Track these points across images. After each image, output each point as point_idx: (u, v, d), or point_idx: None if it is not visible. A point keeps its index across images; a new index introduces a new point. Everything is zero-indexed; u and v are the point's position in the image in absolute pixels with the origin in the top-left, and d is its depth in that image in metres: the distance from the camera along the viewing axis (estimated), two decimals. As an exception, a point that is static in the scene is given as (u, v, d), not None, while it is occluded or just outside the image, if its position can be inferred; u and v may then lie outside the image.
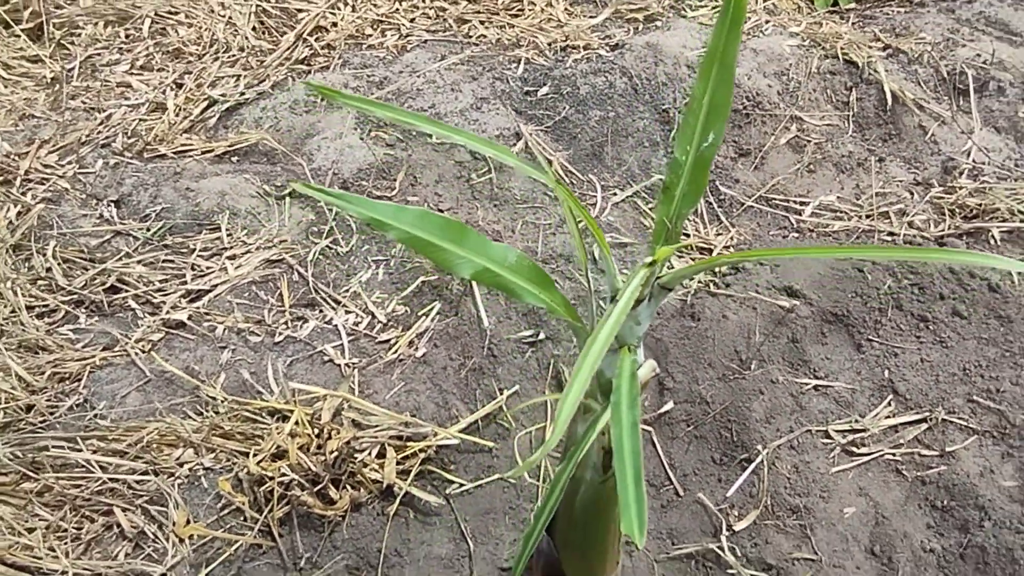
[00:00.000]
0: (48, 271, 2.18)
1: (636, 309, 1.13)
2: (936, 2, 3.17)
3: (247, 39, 2.82)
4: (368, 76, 2.70)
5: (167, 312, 2.12)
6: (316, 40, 2.85)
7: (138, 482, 1.83)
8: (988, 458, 2.00)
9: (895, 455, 2.02)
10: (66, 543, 1.74)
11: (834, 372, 2.15)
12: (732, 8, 1.09)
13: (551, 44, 2.82)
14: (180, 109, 2.60)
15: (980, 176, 2.53)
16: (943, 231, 2.40)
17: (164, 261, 2.23)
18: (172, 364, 2.02)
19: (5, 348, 2.01)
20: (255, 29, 2.90)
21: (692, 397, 2.10)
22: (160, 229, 2.29)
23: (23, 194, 2.35)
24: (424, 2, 3.06)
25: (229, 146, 2.50)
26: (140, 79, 2.71)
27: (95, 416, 1.93)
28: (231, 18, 2.90)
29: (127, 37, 2.87)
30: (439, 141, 2.51)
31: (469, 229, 1.13)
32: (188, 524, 1.78)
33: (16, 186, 2.37)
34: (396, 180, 2.42)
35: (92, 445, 1.87)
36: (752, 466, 2.01)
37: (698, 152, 1.11)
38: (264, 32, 2.91)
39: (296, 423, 1.90)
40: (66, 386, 1.98)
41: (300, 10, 2.96)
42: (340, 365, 2.05)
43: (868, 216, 2.47)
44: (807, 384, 2.12)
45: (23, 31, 2.87)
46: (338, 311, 2.15)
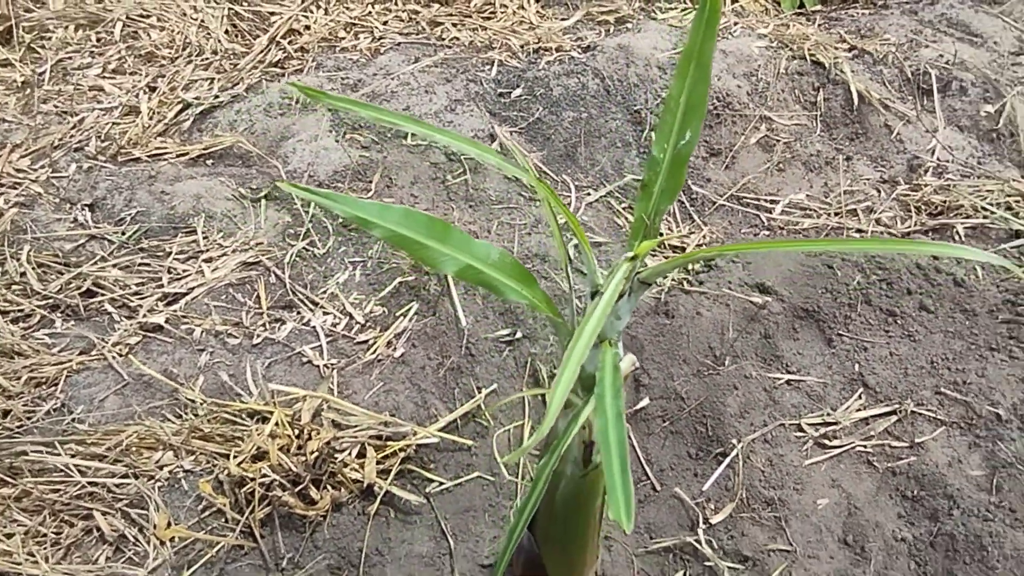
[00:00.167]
0: (22, 276, 2.17)
1: (616, 304, 1.15)
2: (899, 4, 3.23)
3: (220, 42, 2.82)
4: (342, 79, 2.70)
5: (144, 315, 2.12)
6: (289, 43, 2.85)
7: (118, 486, 1.83)
8: (956, 448, 2.05)
9: (866, 447, 2.06)
10: (45, 548, 1.73)
11: (806, 367, 2.19)
12: (708, 8, 1.12)
13: (524, 46, 2.85)
14: (154, 112, 2.59)
15: (944, 174, 2.59)
16: (909, 227, 2.45)
17: (140, 264, 2.23)
18: (150, 367, 2.01)
19: (-20, 353, 2.00)
20: (228, 32, 2.89)
21: (667, 393, 2.13)
22: (135, 232, 2.29)
23: (-5, 199, 2.34)
24: (397, 5, 3.07)
25: (204, 149, 2.50)
26: (112, 83, 2.70)
27: (73, 420, 1.92)
28: (203, 21, 2.89)
29: (98, 41, 2.86)
30: (414, 143, 2.53)
31: (453, 227, 1.15)
32: (169, 527, 1.78)
33: (-12, 191, 2.36)
34: (372, 182, 2.43)
35: (70, 449, 1.87)
36: (727, 460, 2.04)
37: (675, 150, 1.14)
38: (237, 35, 2.90)
39: (276, 424, 1.90)
40: (43, 391, 1.97)
41: (273, 13, 2.97)
42: (319, 366, 2.06)
43: (837, 214, 2.51)
44: (780, 379, 2.16)
45: (-8, 35, 2.85)
46: (316, 312, 2.16)
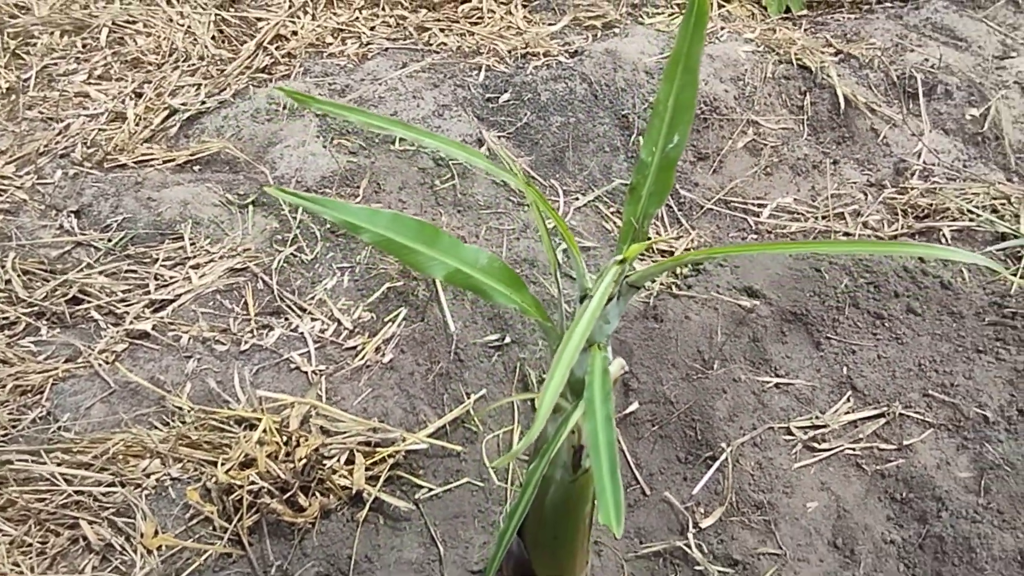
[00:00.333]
0: (7, 283, 2.15)
1: (605, 308, 1.15)
2: (885, 9, 3.25)
3: (207, 48, 2.81)
4: (330, 84, 2.70)
5: (130, 322, 2.10)
6: (276, 49, 2.85)
7: (104, 494, 1.81)
8: (944, 450, 2.05)
9: (855, 450, 2.06)
10: (31, 558, 1.72)
11: (794, 370, 2.19)
12: (695, 11, 1.12)
13: (511, 51, 2.85)
14: (140, 118, 2.58)
15: (931, 177, 2.60)
16: (896, 231, 2.46)
17: (127, 271, 2.21)
18: (137, 374, 2.00)
19: (-36, 361, 1.99)
20: (215, 38, 2.89)
21: (657, 397, 2.13)
22: (122, 239, 2.28)
23: (-20, 206, 2.32)
24: (384, 10, 3.07)
25: (191, 155, 2.49)
26: (98, 89, 2.69)
27: (59, 428, 1.91)
28: (190, 27, 2.88)
29: (84, 46, 2.84)
30: (402, 148, 2.53)
31: (441, 232, 1.15)
32: (156, 535, 1.76)
33: (-28, 198, 2.34)
34: (360, 187, 2.42)
35: (56, 458, 1.85)
36: (717, 464, 2.04)
37: (663, 153, 1.14)
38: (224, 41, 2.90)
39: (264, 431, 1.89)
40: (28, 399, 1.95)
41: (260, 19, 2.96)
42: (307, 372, 2.05)
43: (824, 217, 2.52)
44: (768, 382, 2.16)
45: (-24, 41, 2.83)
46: (304, 318, 2.15)
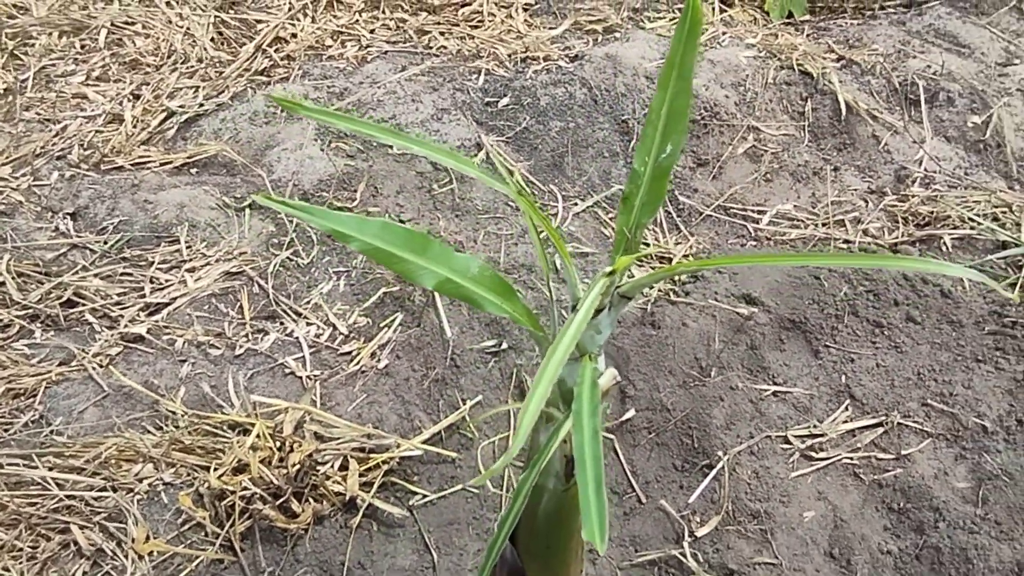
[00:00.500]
0: (1, 285, 2.15)
1: (596, 318, 1.14)
2: (888, 15, 3.24)
3: (206, 50, 2.81)
4: (328, 87, 2.69)
5: (125, 326, 2.09)
6: (276, 51, 2.84)
7: (96, 499, 1.80)
8: (942, 460, 2.04)
9: (852, 459, 2.05)
10: (21, 563, 1.71)
11: (792, 378, 2.18)
12: (690, 18, 1.10)
13: (511, 55, 2.84)
14: (137, 120, 2.57)
15: (932, 184, 2.59)
16: (897, 238, 2.44)
17: (122, 274, 2.21)
18: (131, 378, 1.99)
19: (-42, 364, 1.98)
20: (214, 40, 2.88)
21: (653, 404, 2.12)
22: (118, 242, 2.27)
23: (-24, 207, 2.32)
24: (384, 13, 3.06)
25: (188, 158, 2.49)
26: (96, 90, 2.68)
27: (51, 432, 1.90)
28: (189, 29, 2.88)
29: (82, 48, 2.84)
30: (400, 152, 2.52)
31: (432, 240, 1.13)
32: (148, 540, 1.75)
33: (-32, 199, 2.33)
34: (357, 191, 2.41)
35: (48, 462, 1.84)
36: (713, 472, 2.03)
37: (656, 162, 1.13)
38: (223, 43, 2.89)
39: (257, 436, 1.88)
40: (21, 402, 1.95)
41: (259, 21, 2.95)
42: (301, 377, 2.04)
43: (824, 224, 2.51)
44: (766, 390, 2.15)
45: (-25, 42, 2.83)
46: (299, 323, 2.14)
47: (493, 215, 2.43)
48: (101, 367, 2.01)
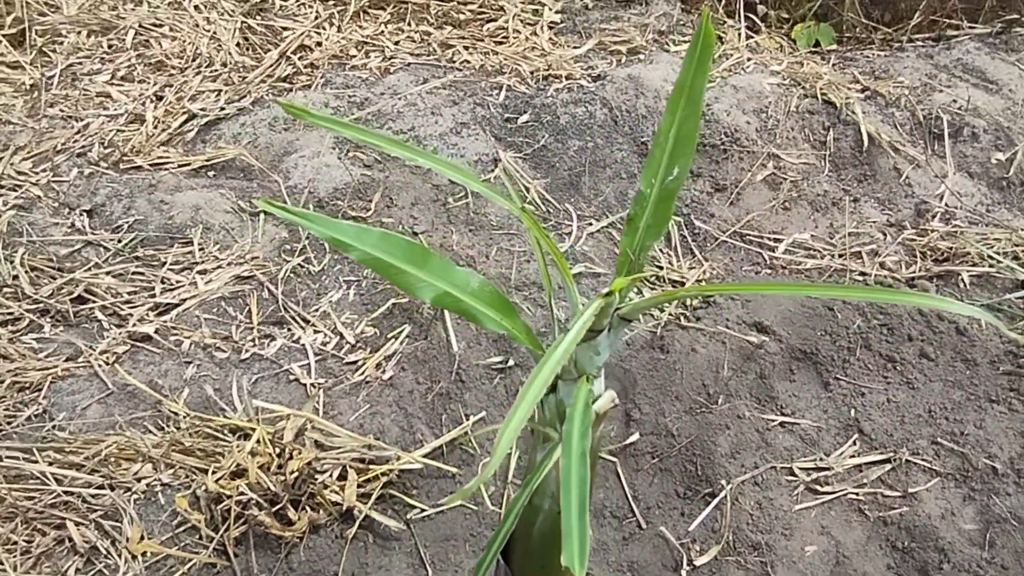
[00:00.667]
0: (15, 278, 2.16)
1: (595, 339, 1.12)
2: (915, 47, 3.21)
3: (230, 55, 2.82)
4: (349, 96, 2.70)
5: (134, 325, 2.10)
6: (300, 59, 2.85)
7: (93, 496, 1.80)
8: (950, 500, 2.00)
9: (858, 495, 2.02)
10: (15, 556, 1.71)
11: (801, 409, 2.15)
12: (701, 42, 1.10)
13: (533, 73, 2.84)
14: (159, 121, 2.59)
15: (952, 220, 2.56)
16: (914, 272, 2.41)
17: (134, 273, 2.21)
18: (136, 377, 1.99)
19: (-34, 355, 1.99)
20: (239, 45, 2.90)
21: (658, 429, 2.10)
22: (132, 241, 2.28)
23: (-6, 200, 2.34)
24: (410, 25, 3.07)
25: (206, 160, 2.50)
26: (120, 90, 2.70)
27: (54, 427, 1.90)
28: (216, 33, 2.90)
29: (110, 47, 2.86)
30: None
31: (432, 252, 1.13)
32: (142, 540, 1.75)
33: (-12, 192, 2.36)
34: (372, 201, 2.41)
35: (48, 457, 1.84)
36: (715, 501, 2.00)
37: (663, 185, 1.12)
38: (248, 48, 2.91)
39: (257, 442, 1.88)
40: (26, 396, 1.95)
41: (285, 28, 2.97)
42: (306, 385, 2.03)
43: (840, 255, 2.48)
44: (773, 420, 2.12)
45: (5, 36, 2.86)
46: (306, 330, 2.14)
47: (507, 231, 2.42)
48: (107, 364, 2.01)
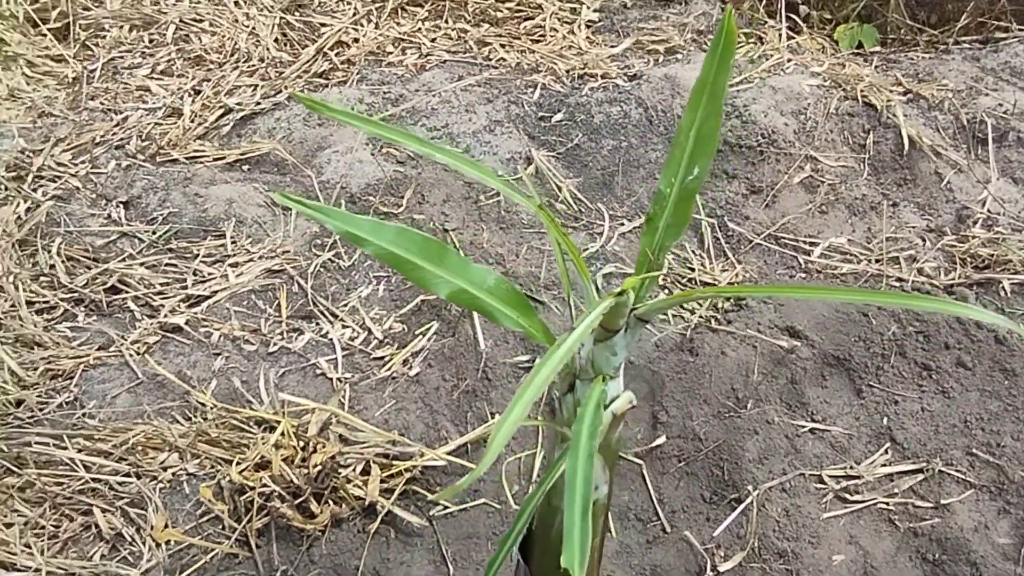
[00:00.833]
0: (51, 268, 2.20)
1: (612, 340, 1.11)
2: (962, 50, 3.14)
3: (268, 50, 2.85)
4: (384, 93, 2.71)
5: (165, 316, 2.12)
6: (336, 55, 2.87)
7: (120, 484, 1.83)
8: (984, 513, 1.95)
9: (888, 504, 1.98)
10: (43, 541, 1.74)
11: (832, 416, 2.11)
12: (723, 39, 1.08)
13: (569, 71, 2.82)
14: (196, 115, 2.62)
15: (994, 226, 2.49)
16: (953, 280, 2.36)
17: (167, 265, 2.24)
18: (165, 368, 2.02)
19: (1, 342, 2.02)
20: (277, 41, 2.92)
21: (685, 433, 2.07)
22: (166, 233, 2.30)
23: (34, 190, 2.38)
24: (447, 23, 3.07)
25: (241, 154, 2.52)
26: (159, 84, 2.74)
27: (84, 415, 1.93)
28: (254, 29, 2.92)
29: (151, 42, 2.90)
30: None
31: (448, 249, 1.12)
32: (166, 528, 1.77)
33: (28, 182, 2.40)
34: (404, 197, 2.42)
35: (78, 444, 1.87)
36: (742, 507, 1.98)
37: (682, 185, 1.10)
38: (286, 44, 2.93)
39: (282, 434, 1.89)
40: (58, 383, 1.98)
41: (323, 24, 2.99)
42: (332, 379, 2.04)
43: (878, 261, 2.43)
44: (803, 427, 2.09)
45: (50, 30, 2.91)
46: (335, 325, 2.15)
47: (537, 230, 2.41)
48: (138, 355, 2.04)
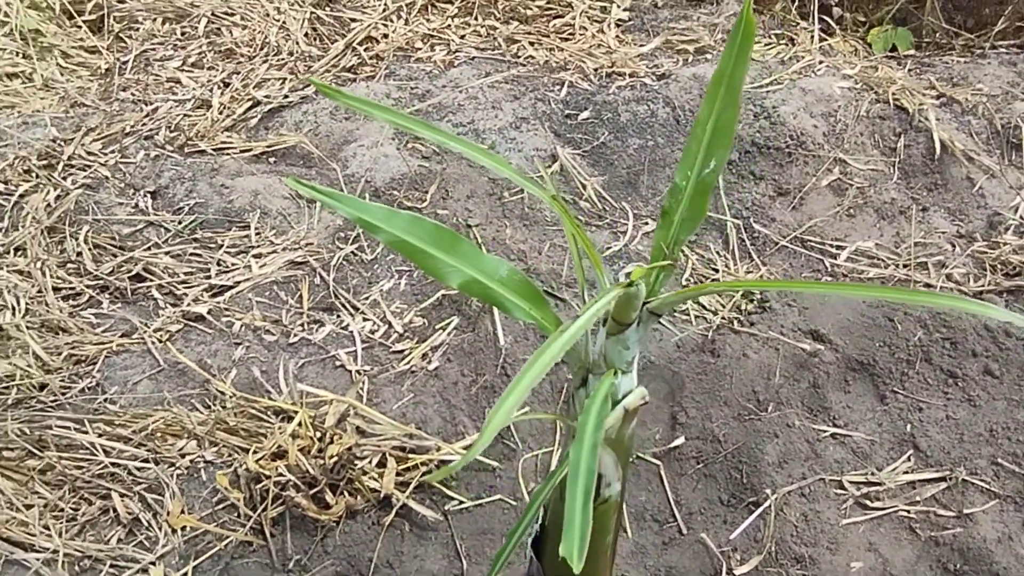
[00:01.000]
0: (78, 255, 2.22)
1: (624, 333, 1.10)
2: (999, 54, 3.09)
3: (298, 44, 2.87)
4: (412, 88, 2.71)
5: (188, 304, 2.14)
6: (365, 50, 2.88)
7: (139, 469, 1.84)
8: (1008, 524, 1.92)
9: (910, 512, 1.95)
10: (61, 523, 1.75)
11: (854, 421, 2.08)
12: (741, 32, 1.06)
13: (597, 69, 2.81)
14: (224, 107, 2.64)
15: (1027, 233, 2.45)
16: (982, 287, 2.32)
17: (191, 254, 2.26)
18: (186, 356, 2.03)
19: (27, 326, 2.05)
20: (307, 35, 2.94)
21: (704, 434, 2.06)
22: (191, 223, 2.32)
23: (64, 179, 2.41)
24: (476, 20, 3.07)
25: (267, 147, 2.54)
26: (190, 76, 2.76)
27: (105, 400, 1.95)
28: (285, 23, 2.94)
29: (183, 34, 2.93)
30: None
31: (461, 238, 1.11)
32: (182, 515, 1.78)
33: (58, 170, 2.43)
34: (428, 192, 2.42)
35: (98, 428, 1.89)
36: (759, 510, 1.95)
37: (699, 178, 1.09)
38: (316, 39, 2.95)
39: (299, 425, 1.90)
40: (81, 368, 2.01)
41: (354, 20, 3.00)
42: (351, 371, 2.04)
43: (905, 266, 2.40)
44: (825, 431, 2.06)
45: (85, 22, 2.95)
46: (355, 317, 2.15)
47: (560, 227, 2.40)
48: (160, 342, 2.06)
